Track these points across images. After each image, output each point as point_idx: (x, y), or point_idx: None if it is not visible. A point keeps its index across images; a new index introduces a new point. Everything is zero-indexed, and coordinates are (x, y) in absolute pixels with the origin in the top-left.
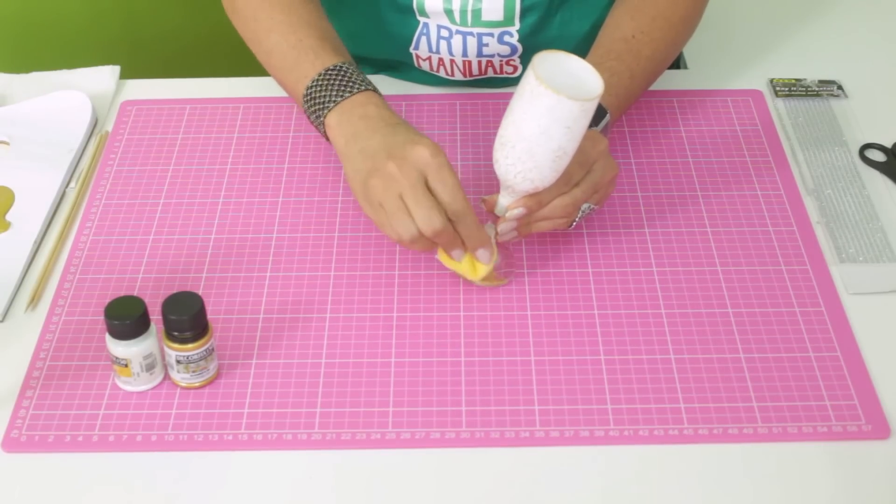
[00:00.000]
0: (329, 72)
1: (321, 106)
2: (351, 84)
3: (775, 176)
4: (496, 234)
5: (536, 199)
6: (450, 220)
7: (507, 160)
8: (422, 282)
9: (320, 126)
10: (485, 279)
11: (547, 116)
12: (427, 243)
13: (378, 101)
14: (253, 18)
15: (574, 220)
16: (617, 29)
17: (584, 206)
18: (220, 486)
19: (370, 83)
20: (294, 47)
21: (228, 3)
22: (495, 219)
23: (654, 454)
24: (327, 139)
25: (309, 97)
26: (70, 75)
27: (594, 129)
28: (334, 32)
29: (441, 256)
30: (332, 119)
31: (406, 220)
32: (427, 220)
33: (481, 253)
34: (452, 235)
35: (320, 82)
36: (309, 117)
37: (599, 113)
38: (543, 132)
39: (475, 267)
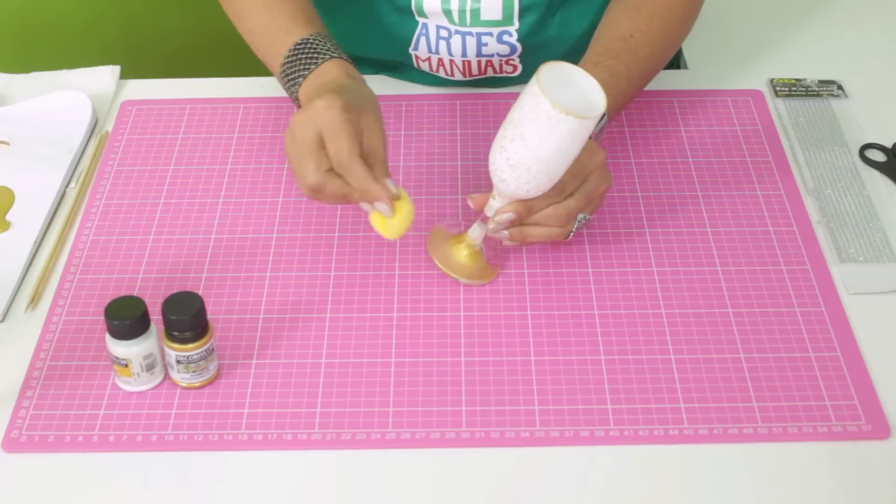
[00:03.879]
0: (297, 46)
1: (293, 82)
2: (317, 56)
3: (775, 176)
4: (486, 231)
5: (527, 206)
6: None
7: (519, 180)
8: (422, 282)
9: (296, 103)
10: (469, 276)
11: (569, 138)
12: (326, 196)
13: (340, 68)
14: (233, 0)
15: (571, 231)
16: (615, 28)
17: (580, 216)
18: (219, 486)
19: (339, 51)
20: (268, 26)
21: None
22: (485, 218)
23: (654, 454)
24: None
25: (284, 75)
26: (70, 75)
27: (595, 133)
28: (309, 3)
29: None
30: (302, 92)
31: (297, 175)
32: (303, 176)
33: (379, 205)
34: (338, 189)
35: (291, 59)
36: (291, 97)
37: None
38: (564, 153)
39: (385, 225)
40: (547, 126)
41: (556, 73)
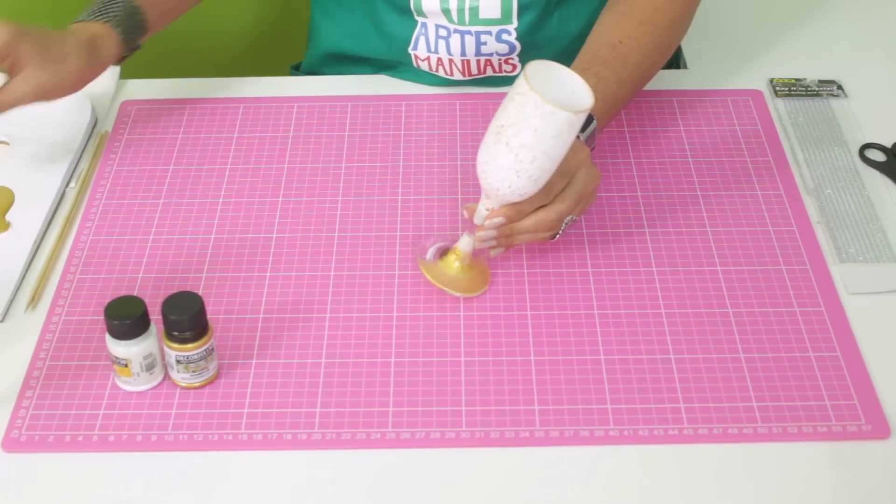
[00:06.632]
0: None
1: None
2: (104, 11)
3: (775, 176)
4: (475, 241)
5: (517, 209)
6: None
7: (537, 185)
8: (422, 282)
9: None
10: (465, 289)
11: (571, 132)
12: None
13: (91, 30)
14: None
15: (558, 232)
16: (604, 35)
17: (567, 218)
18: (220, 486)
19: (128, 23)
20: None
21: None
22: (474, 227)
23: (654, 454)
24: None
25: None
26: None
27: (579, 137)
28: None
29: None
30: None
31: None
32: None
33: None
34: None
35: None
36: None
37: (586, 119)
38: (568, 145)
39: None
40: (569, 131)
41: (542, 76)
